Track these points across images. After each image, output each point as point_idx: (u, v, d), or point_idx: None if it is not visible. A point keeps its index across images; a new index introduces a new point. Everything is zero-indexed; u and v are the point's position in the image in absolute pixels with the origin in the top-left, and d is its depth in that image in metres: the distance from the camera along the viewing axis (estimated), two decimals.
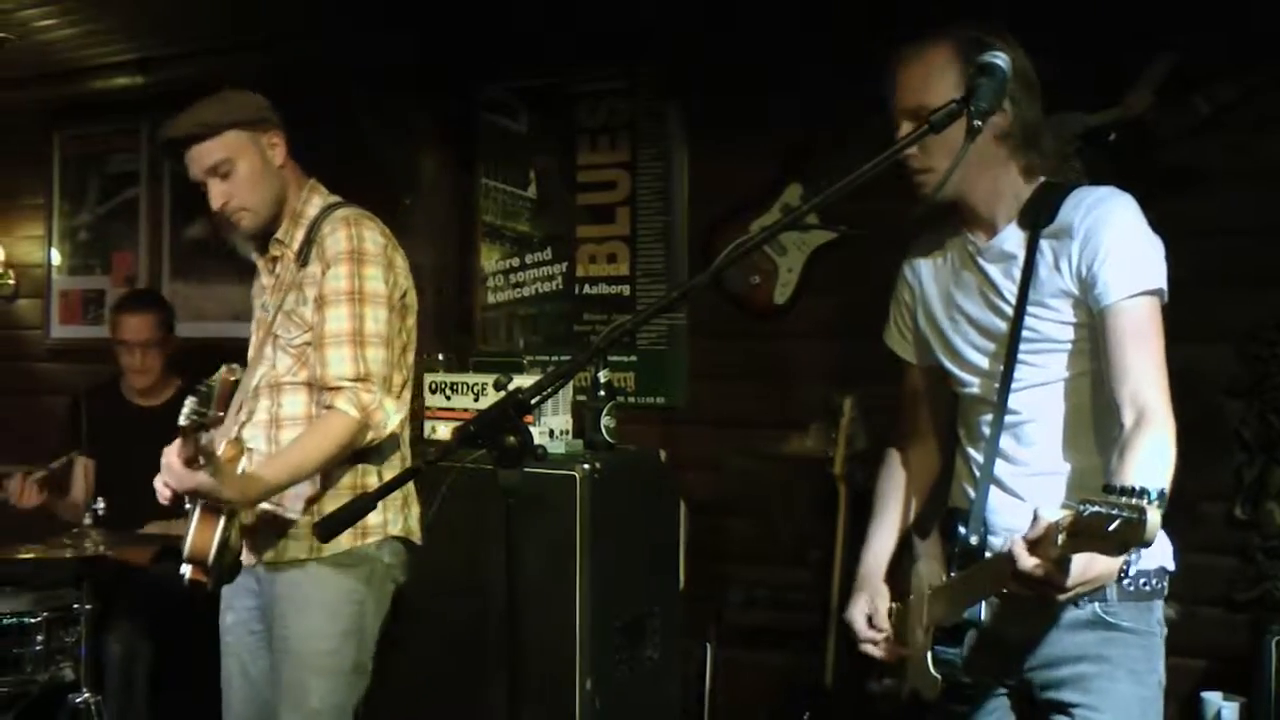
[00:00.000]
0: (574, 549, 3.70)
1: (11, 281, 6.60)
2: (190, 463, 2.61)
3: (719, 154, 4.60)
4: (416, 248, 4.58)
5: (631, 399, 4.71)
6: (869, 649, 2.52)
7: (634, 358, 4.78)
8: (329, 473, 2.91)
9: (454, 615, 3.70)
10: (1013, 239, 2.32)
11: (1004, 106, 2.18)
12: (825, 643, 3.95)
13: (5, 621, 3.99)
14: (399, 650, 3.18)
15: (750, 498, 4.46)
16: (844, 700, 3.86)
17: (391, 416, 2.89)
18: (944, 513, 2.46)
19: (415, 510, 3.11)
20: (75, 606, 3.81)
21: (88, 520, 3.78)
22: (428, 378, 4.22)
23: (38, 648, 3.95)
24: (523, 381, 3.31)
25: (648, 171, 4.77)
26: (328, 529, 2.17)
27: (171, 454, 2.64)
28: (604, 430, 4.05)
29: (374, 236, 2.94)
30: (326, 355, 2.85)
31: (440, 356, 4.32)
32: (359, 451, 2.91)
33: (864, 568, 2.61)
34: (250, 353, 3.14)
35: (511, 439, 1.95)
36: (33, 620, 3.97)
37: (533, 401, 1.95)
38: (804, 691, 4.05)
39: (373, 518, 2.91)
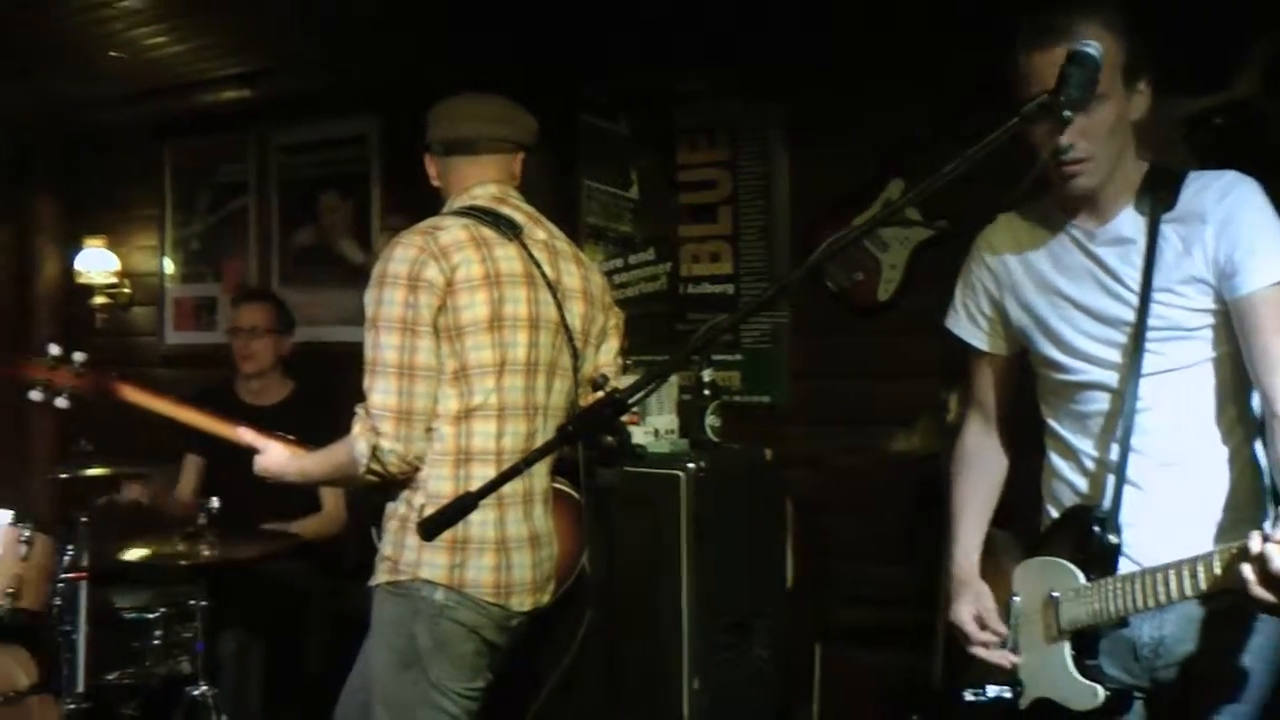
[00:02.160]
0: (678, 548, 3.70)
1: (127, 290, 6.78)
2: None
3: (819, 151, 4.57)
4: None
5: (736, 398, 4.69)
6: (982, 652, 2.46)
7: (739, 356, 4.76)
8: (426, 486, 2.81)
9: (562, 615, 3.71)
10: (1130, 224, 2.25)
11: (1120, 91, 2.14)
12: (933, 643, 3.90)
13: (126, 616, 4.12)
14: None
15: (856, 495, 4.43)
16: (953, 702, 3.81)
17: (363, 457, 2.73)
18: (1070, 511, 2.37)
19: (486, 562, 2.80)
20: (191, 603, 3.89)
21: (201, 519, 3.86)
22: None
23: (156, 642, 4.05)
24: (627, 382, 3.29)
25: (748, 170, 4.76)
26: (429, 528, 2.18)
27: None
28: (708, 429, 4.04)
29: (400, 255, 2.78)
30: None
31: None
32: (464, 461, 2.82)
33: (959, 569, 2.56)
34: None
35: (609, 438, 1.95)
36: (151, 615, 4.07)
37: (629, 401, 1.94)
38: (913, 692, 4.00)
39: (408, 554, 2.79)
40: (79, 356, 3.19)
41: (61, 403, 3.19)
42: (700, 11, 4.56)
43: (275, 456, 3.00)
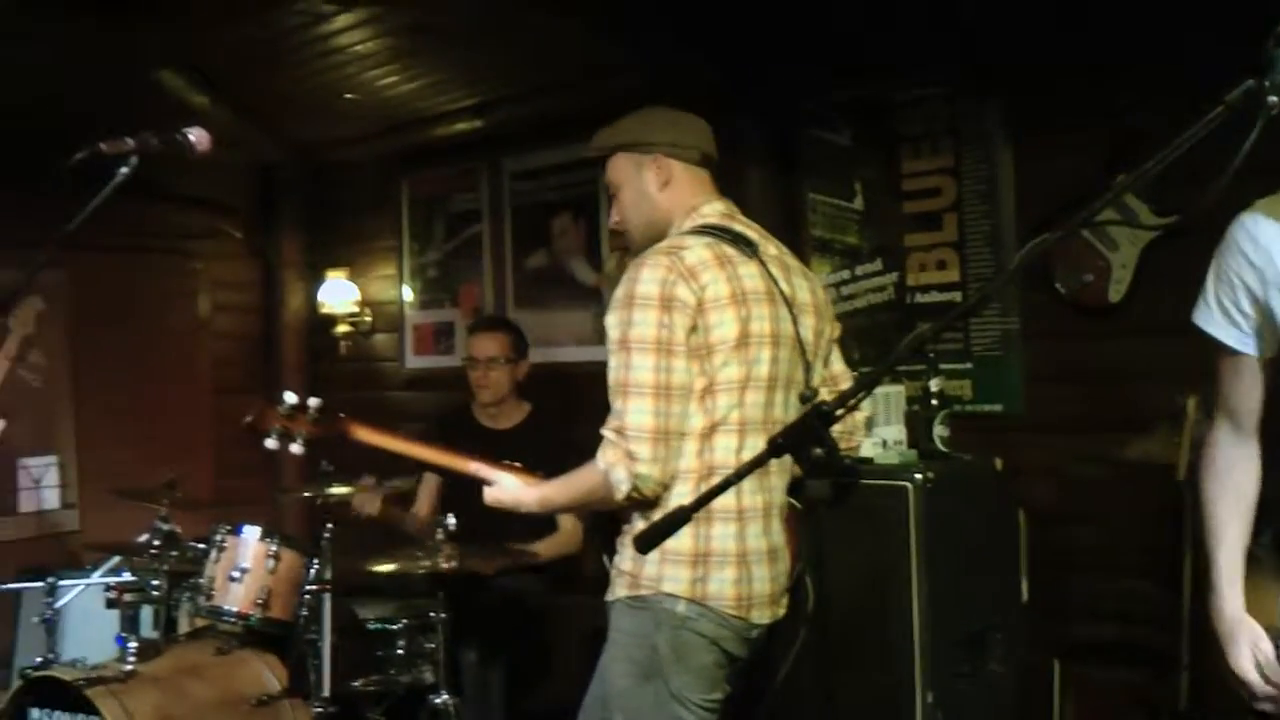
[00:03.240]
0: (908, 560, 3.66)
1: (368, 318, 7.00)
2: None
3: (1043, 152, 4.44)
4: None
5: (967, 407, 4.60)
6: (1270, 707, 2.26)
7: (968, 365, 4.66)
8: (667, 502, 2.77)
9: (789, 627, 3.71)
10: None
11: None
12: (1179, 662, 3.75)
13: (371, 627, 4.32)
14: None
15: (1093, 506, 4.29)
16: None
17: (623, 482, 2.71)
18: None
19: (727, 575, 2.80)
20: (432, 615, 4.02)
21: (440, 535, 3.99)
22: None
23: (399, 651, 4.22)
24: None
25: (972, 175, 4.66)
26: (645, 541, 2.21)
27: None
28: (937, 439, 4.00)
29: (651, 276, 2.77)
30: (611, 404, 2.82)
31: None
32: (706, 476, 2.80)
33: (1228, 606, 2.33)
34: None
35: (818, 450, 1.94)
36: (394, 626, 4.25)
37: (837, 413, 1.94)
38: (1157, 715, 3.85)
39: (648, 568, 2.79)
40: (314, 403, 3.32)
41: (297, 449, 3.31)
42: (920, 16, 4.51)
43: (507, 488, 3.01)
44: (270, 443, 3.31)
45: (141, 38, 4.91)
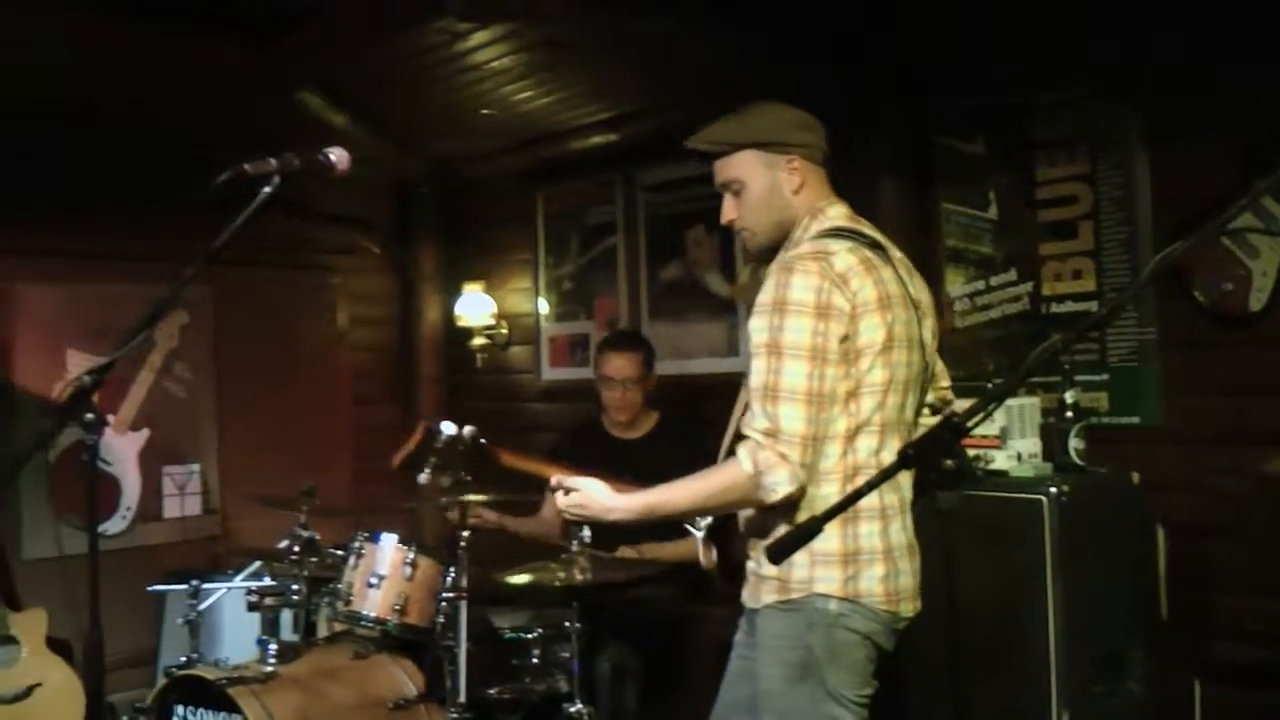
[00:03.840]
0: (1043, 575, 3.62)
1: (504, 331, 7.10)
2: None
3: (1181, 157, 4.34)
4: None
5: (1103, 419, 4.52)
6: None
7: (1104, 376, 4.58)
8: (813, 504, 2.79)
9: (923, 642, 3.68)
10: None
11: None
12: None
13: (506, 635, 4.38)
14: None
15: (1234, 521, 4.18)
16: None
17: (781, 485, 2.73)
18: None
19: (877, 571, 2.86)
20: (567, 625, 4.07)
21: (574, 546, 4.04)
22: None
23: (534, 660, 4.28)
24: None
25: (1108, 182, 4.58)
26: (777, 551, 2.23)
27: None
28: (1072, 452, 3.94)
29: (804, 283, 2.79)
30: (753, 406, 2.81)
31: None
32: (851, 476, 2.85)
33: None
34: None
35: (949, 462, 1.95)
36: (529, 635, 4.30)
37: (967, 425, 1.94)
38: None
39: (798, 572, 2.83)
40: (469, 431, 3.36)
41: (446, 482, 3.35)
42: (1052, 21, 4.45)
43: (592, 494, 2.99)
44: (423, 478, 3.35)
45: (283, 60, 5.05)
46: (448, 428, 3.34)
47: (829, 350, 2.78)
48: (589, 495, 2.98)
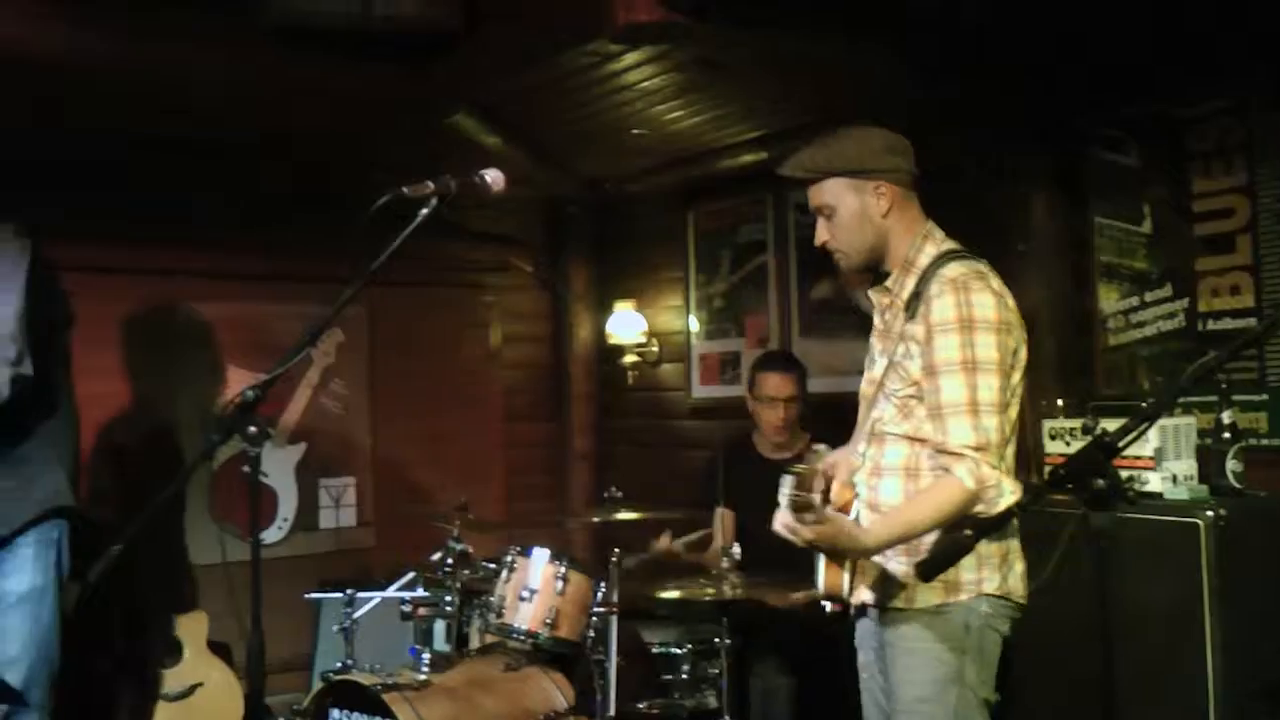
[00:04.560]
0: (1200, 602, 3.52)
1: (655, 349, 7.14)
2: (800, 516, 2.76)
3: None
4: (1030, 293, 4.58)
5: (1263, 440, 4.37)
6: None
7: (1264, 396, 4.42)
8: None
9: (1075, 665, 3.62)
10: None
11: None
12: None
13: (655, 650, 4.42)
14: (1014, 700, 3.16)
15: None
16: None
17: (1005, 495, 2.79)
18: None
19: (1018, 568, 3.01)
20: (717, 641, 4.09)
21: (725, 564, 4.05)
22: (1047, 424, 4.18)
23: (684, 676, 4.32)
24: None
25: (1268, 193, 4.42)
26: (929, 569, 2.24)
27: (779, 521, 2.82)
28: (1229, 474, 3.84)
29: (984, 300, 2.90)
30: (947, 424, 2.85)
31: (1060, 402, 4.27)
32: None
33: None
34: (863, 394, 3.27)
35: (1100, 482, 1.94)
36: (679, 651, 4.34)
37: (1119, 445, 1.93)
38: None
39: (966, 574, 2.91)
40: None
41: None
42: (1208, 28, 4.35)
43: (844, 525, 2.90)
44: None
45: (438, 84, 5.17)
46: (820, 447, 3.39)
47: (1006, 364, 2.91)
48: (839, 527, 2.88)
